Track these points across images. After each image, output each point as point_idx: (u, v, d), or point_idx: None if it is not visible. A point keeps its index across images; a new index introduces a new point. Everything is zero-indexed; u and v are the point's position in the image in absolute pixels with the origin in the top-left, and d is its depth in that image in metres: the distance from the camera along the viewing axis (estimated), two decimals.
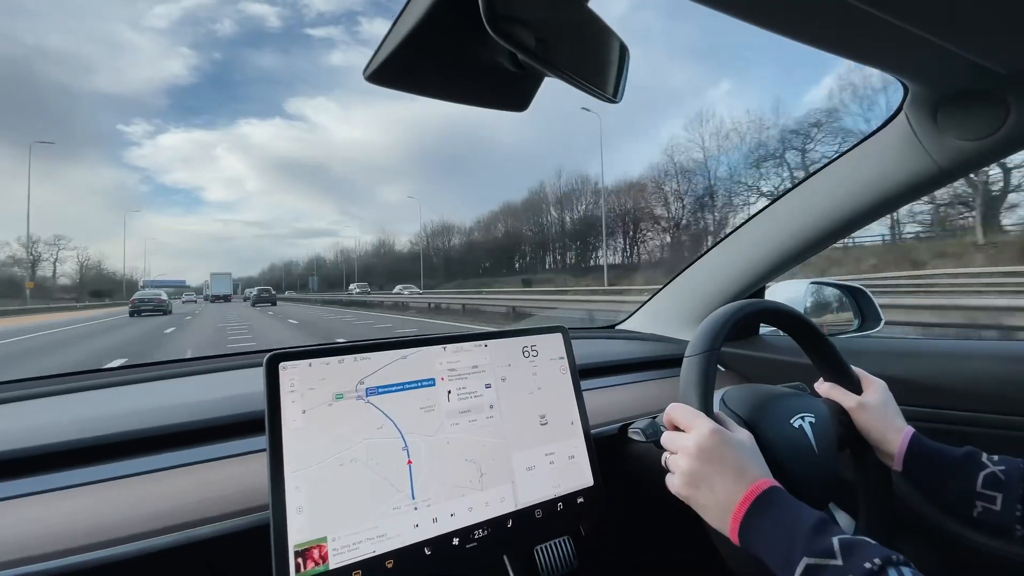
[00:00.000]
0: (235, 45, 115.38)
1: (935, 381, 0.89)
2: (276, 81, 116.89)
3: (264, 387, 0.55)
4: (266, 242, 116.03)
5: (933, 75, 0.70)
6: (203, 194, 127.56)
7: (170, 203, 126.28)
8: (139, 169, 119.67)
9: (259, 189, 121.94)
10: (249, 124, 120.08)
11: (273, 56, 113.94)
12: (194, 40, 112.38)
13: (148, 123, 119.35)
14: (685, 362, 0.60)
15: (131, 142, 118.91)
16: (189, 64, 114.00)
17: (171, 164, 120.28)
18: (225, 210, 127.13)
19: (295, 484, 0.53)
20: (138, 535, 0.53)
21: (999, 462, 0.60)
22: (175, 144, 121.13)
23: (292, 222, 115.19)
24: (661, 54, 62.72)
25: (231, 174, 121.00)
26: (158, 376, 0.83)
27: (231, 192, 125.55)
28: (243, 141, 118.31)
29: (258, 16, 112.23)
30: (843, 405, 0.69)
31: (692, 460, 0.54)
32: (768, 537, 0.48)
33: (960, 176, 0.81)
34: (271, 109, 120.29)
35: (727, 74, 53.36)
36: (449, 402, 0.65)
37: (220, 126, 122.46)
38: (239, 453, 0.65)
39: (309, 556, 0.52)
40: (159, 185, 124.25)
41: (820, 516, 0.47)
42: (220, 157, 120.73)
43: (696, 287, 1.23)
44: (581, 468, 0.72)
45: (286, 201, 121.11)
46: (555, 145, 66.42)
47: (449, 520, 0.60)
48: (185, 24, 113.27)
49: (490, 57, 0.46)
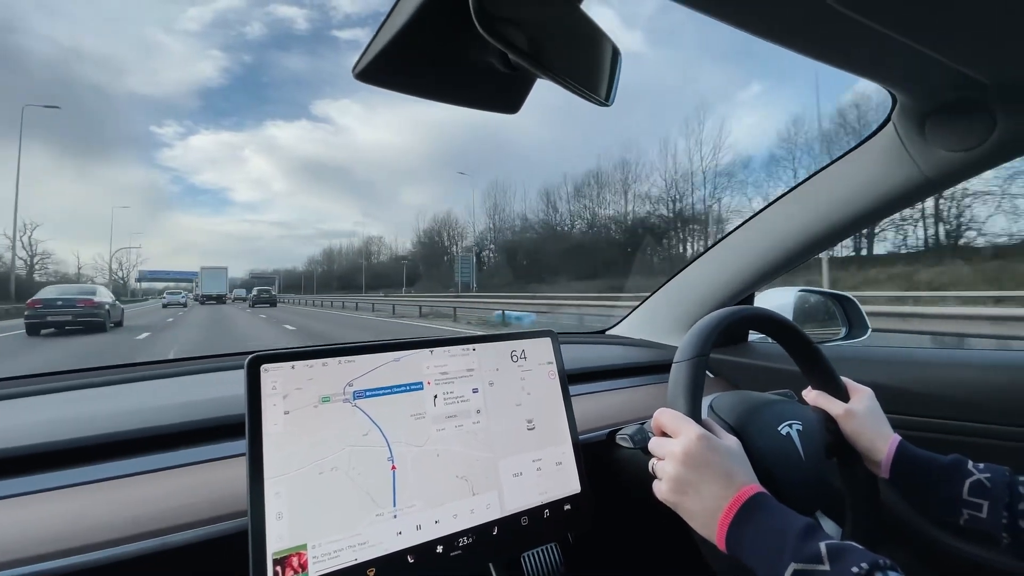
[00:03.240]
0: (264, 47, 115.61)
1: (921, 389, 0.90)
2: (303, 83, 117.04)
3: (245, 389, 0.54)
4: (290, 242, 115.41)
5: (921, 86, 0.71)
6: (230, 194, 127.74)
7: (198, 203, 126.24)
8: (170, 169, 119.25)
9: (284, 190, 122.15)
10: (276, 126, 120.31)
11: (300, 58, 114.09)
12: (224, 42, 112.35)
13: (179, 124, 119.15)
14: (674, 368, 0.60)
15: (163, 143, 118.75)
16: (219, 66, 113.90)
17: (200, 165, 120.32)
18: (251, 210, 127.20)
19: (275, 490, 0.52)
20: (114, 541, 0.51)
21: (984, 469, 0.60)
22: (204, 145, 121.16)
23: (316, 223, 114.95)
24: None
25: (258, 175, 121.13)
26: (140, 377, 0.81)
27: (257, 193, 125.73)
28: (270, 143, 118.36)
29: (286, 18, 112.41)
30: (831, 413, 0.69)
31: (679, 466, 0.53)
32: (755, 543, 0.47)
33: (948, 186, 0.82)
34: (297, 111, 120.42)
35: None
36: (435, 407, 0.64)
37: (248, 128, 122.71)
38: (221, 457, 0.63)
39: (288, 564, 0.51)
40: (189, 185, 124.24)
41: (807, 522, 0.47)
42: (247, 158, 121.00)
43: (686, 293, 1.23)
44: (568, 474, 0.71)
45: (310, 202, 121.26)
46: (571, 151, 66.34)
47: (433, 527, 0.59)
48: (216, 26, 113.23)
49: (481, 57, 0.46)
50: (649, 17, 69.45)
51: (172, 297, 37.63)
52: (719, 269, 1.15)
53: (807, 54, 0.61)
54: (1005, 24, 0.55)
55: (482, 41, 0.41)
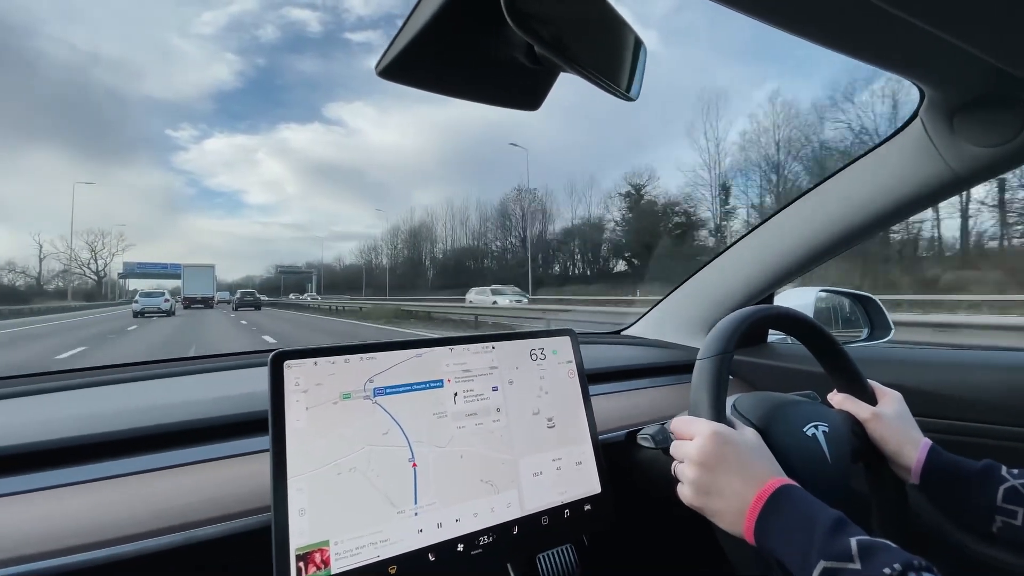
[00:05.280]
0: (277, 51, 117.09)
1: (947, 391, 0.88)
2: (316, 86, 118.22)
3: (268, 385, 0.54)
4: (303, 244, 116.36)
5: (951, 79, 0.69)
6: (244, 197, 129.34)
7: (213, 205, 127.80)
8: (185, 172, 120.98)
9: (298, 192, 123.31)
10: (289, 129, 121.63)
11: (313, 61, 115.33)
12: (239, 46, 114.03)
13: (194, 128, 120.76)
14: (697, 364, 0.59)
15: (178, 146, 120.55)
16: (234, 70, 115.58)
17: (215, 168, 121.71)
18: (265, 213, 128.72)
19: (297, 486, 0.52)
20: (138, 535, 0.52)
21: (1019, 475, 0.58)
22: (219, 148, 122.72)
23: (329, 225, 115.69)
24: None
25: (271, 178, 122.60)
26: (161, 374, 0.82)
27: (271, 195, 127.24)
28: (283, 145, 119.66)
29: (300, 21, 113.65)
30: (858, 416, 0.67)
31: (696, 467, 0.53)
32: (784, 537, 0.46)
33: (977, 183, 0.80)
34: (310, 114, 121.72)
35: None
36: (455, 404, 0.63)
37: (262, 131, 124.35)
38: (242, 453, 0.63)
39: (311, 560, 0.51)
40: (204, 188, 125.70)
41: (837, 515, 0.46)
42: (261, 161, 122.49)
43: (704, 293, 1.21)
44: (588, 474, 0.70)
45: (323, 204, 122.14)
46: (584, 155, 65.85)
47: (454, 526, 0.59)
48: (231, 30, 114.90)
49: (506, 52, 0.46)
50: (664, 16, 68.94)
51: (149, 301, 23.30)
52: (737, 269, 1.13)
53: (836, 48, 0.60)
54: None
55: (507, 36, 0.41)
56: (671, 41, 66.98)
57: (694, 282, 1.23)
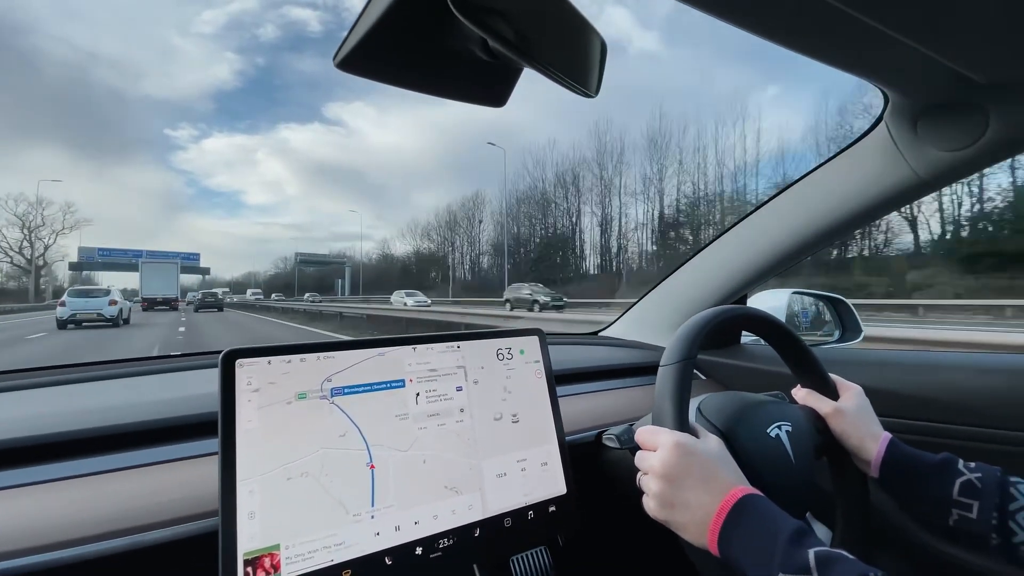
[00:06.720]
0: (277, 50, 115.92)
1: (914, 392, 0.89)
2: (316, 86, 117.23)
3: (219, 385, 0.52)
4: (304, 245, 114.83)
5: (914, 84, 0.70)
6: (244, 197, 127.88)
7: (213, 205, 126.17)
8: (184, 172, 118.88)
9: (298, 193, 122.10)
10: (289, 129, 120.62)
11: (313, 60, 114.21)
12: (239, 45, 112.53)
13: (194, 127, 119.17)
14: (660, 372, 0.58)
15: (177, 146, 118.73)
16: (233, 69, 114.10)
17: (214, 168, 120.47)
18: (265, 213, 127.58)
19: (248, 488, 0.50)
20: (82, 539, 0.50)
21: (975, 469, 0.59)
22: (219, 148, 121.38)
23: (329, 226, 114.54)
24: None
25: (271, 178, 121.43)
26: (116, 375, 0.80)
27: (271, 196, 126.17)
28: (283, 146, 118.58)
29: (300, 21, 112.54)
30: (820, 411, 0.67)
31: (659, 481, 0.52)
32: (746, 549, 0.46)
33: (940, 186, 0.81)
34: (310, 114, 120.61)
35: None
36: (417, 405, 0.62)
37: (261, 131, 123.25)
38: (196, 455, 0.62)
39: (260, 565, 0.49)
40: (203, 188, 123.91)
41: (797, 526, 0.45)
42: (261, 161, 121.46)
43: (678, 294, 1.22)
44: (554, 475, 0.70)
45: (323, 205, 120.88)
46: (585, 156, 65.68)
47: (413, 528, 0.57)
48: (231, 29, 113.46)
49: (462, 45, 0.45)
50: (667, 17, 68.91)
51: (82, 303, 15.70)
52: (711, 270, 1.14)
53: (800, 51, 0.60)
54: (1001, 23, 0.54)
55: (461, 28, 0.40)
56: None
57: (670, 282, 1.23)
